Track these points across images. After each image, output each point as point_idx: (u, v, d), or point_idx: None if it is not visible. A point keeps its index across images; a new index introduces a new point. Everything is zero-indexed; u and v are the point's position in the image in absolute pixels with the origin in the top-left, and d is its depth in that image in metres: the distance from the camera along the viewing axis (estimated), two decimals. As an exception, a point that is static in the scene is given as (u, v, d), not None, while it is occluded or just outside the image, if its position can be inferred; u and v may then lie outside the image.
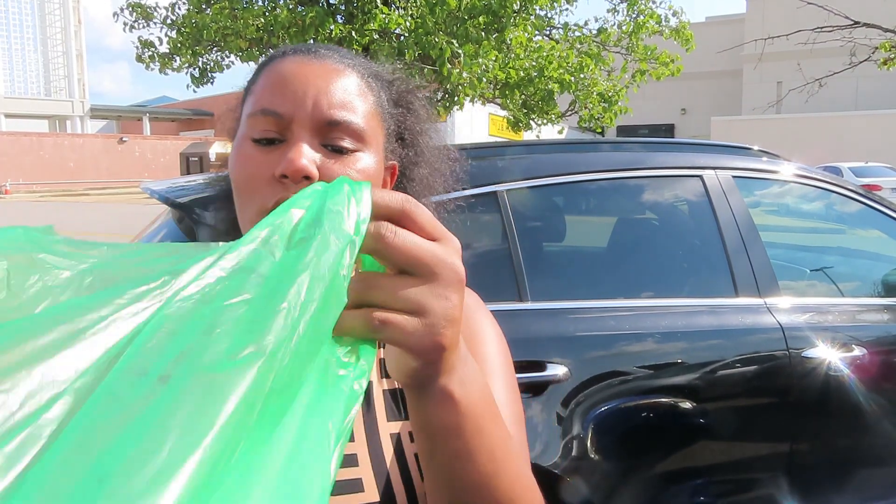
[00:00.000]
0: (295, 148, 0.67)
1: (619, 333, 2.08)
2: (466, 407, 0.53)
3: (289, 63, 0.73)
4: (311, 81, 0.71)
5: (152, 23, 11.98)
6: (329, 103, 0.70)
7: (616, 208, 2.64)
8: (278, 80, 0.71)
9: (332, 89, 0.71)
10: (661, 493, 2.11)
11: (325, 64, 0.73)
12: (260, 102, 0.71)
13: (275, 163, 0.68)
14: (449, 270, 0.49)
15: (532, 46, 10.93)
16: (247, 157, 0.70)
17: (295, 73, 0.71)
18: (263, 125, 0.70)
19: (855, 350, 2.27)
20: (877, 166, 17.89)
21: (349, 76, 0.73)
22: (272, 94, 0.70)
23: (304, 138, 0.69)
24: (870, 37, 9.72)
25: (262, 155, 0.69)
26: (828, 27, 9.39)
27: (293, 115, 0.69)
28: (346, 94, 0.71)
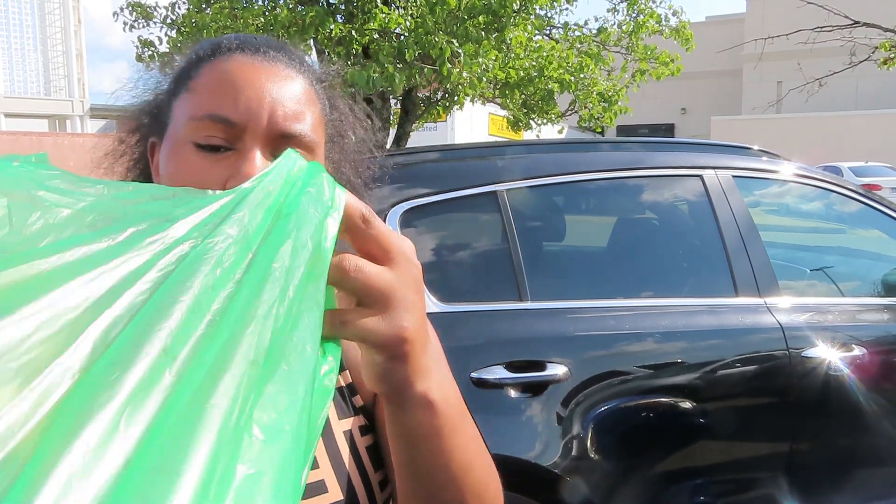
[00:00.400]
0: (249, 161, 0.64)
1: (619, 333, 2.08)
2: (444, 409, 0.54)
3: (238, 63, 0.68)
4: (266, 88, 0.67)
5: (152, 22, 11.97)
6: (284, 115, 0.67)
7: (616, 208, 2.64)
8: (228, 83, 0.67)
9: (286, 99, 0.67)
10: (661, 492, 2.11)
11: (276, 68, 0.69)
12: (207, 106, 0.66)
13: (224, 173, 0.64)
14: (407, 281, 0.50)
15: (532, 46, 10.93)
16: (191, 164, 0.66)
17: (247, 77, 0.67)
18: (210, 131, 0.65)
19: (855, 350, 2.27)
20: (877, 166, 17.88)
21: (300, 83, 0.70)
22: (222, 98, 0.66)
23: (256, 150, 0.65)
24: (870, 36, 9.72)
25: (207, 162, 0.65)
26: (828, 27, 9.39)
27: (246, 125, 0.65)
28: (298, 105, 0.68)
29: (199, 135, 0.66)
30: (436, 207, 2.11)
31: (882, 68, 10.23)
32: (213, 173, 0.64)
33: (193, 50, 0.74)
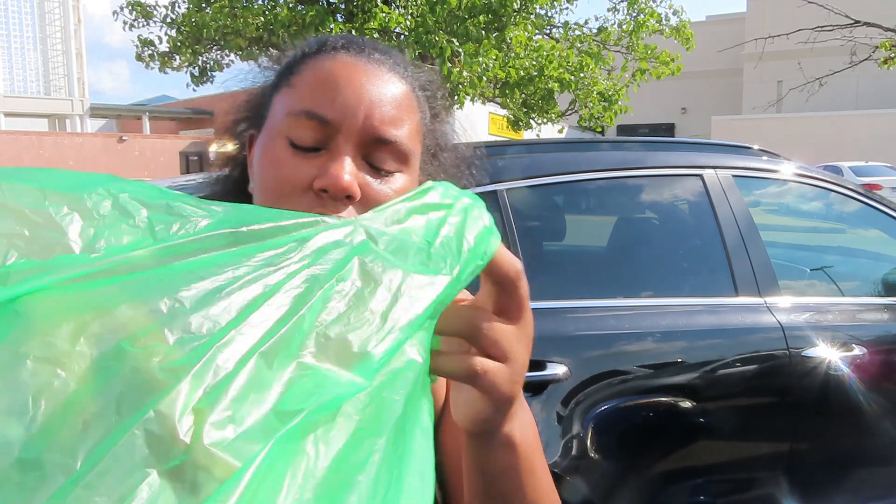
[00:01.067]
0: (339, 163, 0.62)
1: (619, 333, 2.08)
2: (524, 449, 0.56)
3: (340, 62, 0.67)
4: (365, 89, 0.65)
5: (152, 21, 11.98)
6: (381, 118, 0.64)
7: (616, 207, 2.64)
8: (328, 81, 0.65)
9: (385, 102, 0.65)
10: (660, 492, 2.11)
11: (379, 70, 0.67)
12: (304, 102, 0.65)
13: (313, 172, 0.63)
14: (529, 339, 0.54)
15: (532, 45, 10.93)
16: (281, 160, 0.64)
17: (348, 76, 0.65)
18: (305, 128, 0.64)
19: (855, 349, 2.27)
20: (877, 165, 17.87)
21: (402, 89, 0.68)
22: (320, 95, 0.65)
23: (348, 151, 0.63)
24: (870, 36, 9.72)
25: (298, 160, 0.64)
26: (828, 26, 9.39)
27: (341, 125, 0.64)
28: (397, 110, 0.66)
29: (294, 131, 0.64)
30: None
31: (882, 68, 10.23)
32: (301, 171, 0.63)
33: (300, 46, 0.73)
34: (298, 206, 0.63)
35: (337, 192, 0.62)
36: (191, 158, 25.32)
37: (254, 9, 10.71)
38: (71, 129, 39.29)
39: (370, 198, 0.64)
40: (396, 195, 0.65)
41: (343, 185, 0.61)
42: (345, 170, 0.62)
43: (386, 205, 0.49)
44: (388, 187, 0.65)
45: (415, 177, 0.70)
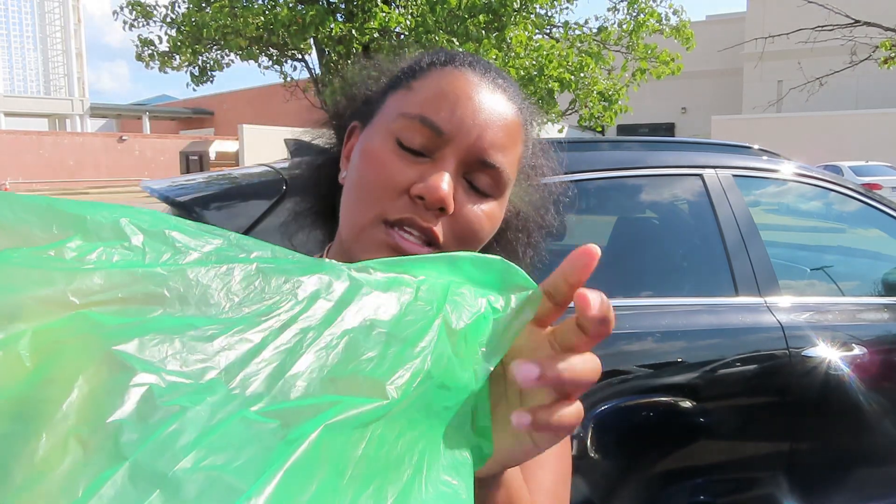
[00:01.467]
0: (440, 174, 0.63)
1: (619, 332, 2.08)
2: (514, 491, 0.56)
3: (466, 79, 0.67)
4: (483, 110, 0.66)
5: (152, 21, 11.98)
6: (492, 142, 0.65)
7: (616, 207, 2.64)
8: (450, 93, 0.66)
9: (498, 128, 0.66)
10: (661, 491, 2.11)
11: (500, 96, 0.68)
12: (422, 107, 0.65)
13: (413, 177, 0.64)
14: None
15: (532, 45, 10.93)
16: (386, 159, 0.65)
17: (469, 93, 0.66)
18: (417, 133, 0.64)
19: (855, 349, 2.27)
20: (877, 165, 17.88)
21: (515, 118, 0.69)
22: (439, 105, 0.65)
23: (452, 166, 0.64)
24: (870, 35, 9.72)
25: (401, 163, 0.64)
26: (828, 26, 9.39)
27: (453, 138, 0.64)
28: (507, 139, 0.67)
29: (405, 133, 0.65)
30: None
31: (882, 67, 10.23)
32: (403, 173, 0.64)
33: (425, 53, 0.73)
34: (392, 206, 0.64)
35: (433, 203, 0.63)
36: (191, 158, 25.30)
37: (254, 9, 10.71)
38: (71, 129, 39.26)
39: (462, 216, 0.65)
40: (488, 219, 0.67)
41: (440, 195, 0.62)
42: (444, 182, 0.63)
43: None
44: (480, 210, 0.66)
45: (504, 206, 0.71)
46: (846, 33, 9.45)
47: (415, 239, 0.64)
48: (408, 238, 0.64)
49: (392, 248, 0.64)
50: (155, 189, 2.23)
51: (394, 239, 0.64)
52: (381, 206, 0.64)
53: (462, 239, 0.66)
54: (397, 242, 0.64)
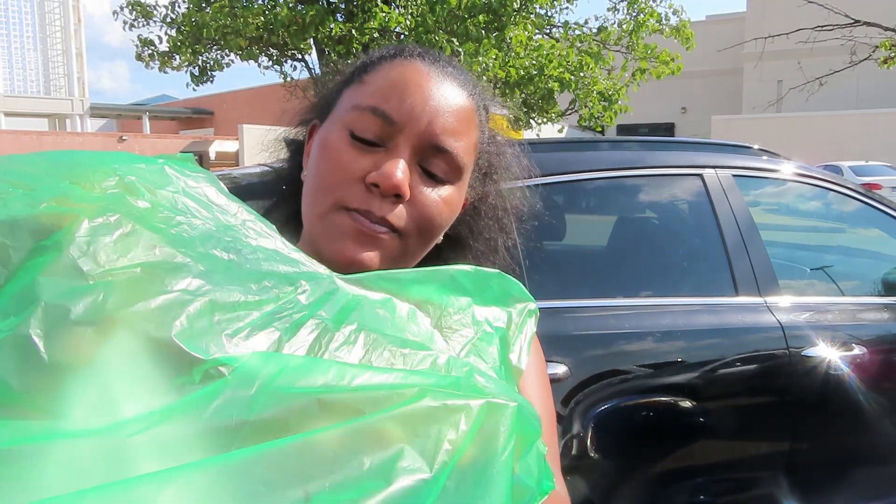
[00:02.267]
0: (394, 161, 0.65)
1: (619, 332, 2.08)
2: None
3: (415, 69, 0.69)
4: (433, 97, 0.67)
5: (152, 21, 11.97)
6: (443, 127, 0.67)
7: (616, 207, 2.64)
8: (399, 83, 0.68)
9: (450, 114, 0.68)
10: (661, 491, 2.11)
11: (450, 83, 0.70)
12: (373, 98, 0.67)
13: (368, 166, 0.65)
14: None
15: (532, 45, 10.93)
16: (340, 151, 0.67)
17: (419, 82, 0.68)
18: (369, 123, 0.66)
19: (855, 349, 2.27)
20: (877, 165, 17.87)
21: (467, 103, 0.70)
22: (389, 94, 0.67)
23: (406, 153, 0.66)
24: (870, 35, 9.72)
25: (356, 153, 0.66)
26: (828, 26, 9.39)
27: (404, 126, 0.66)
28: (459, 124, 0.69)
29: (358, 124, 0.67)
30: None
31: (882, 67, 10.24)
32: (357, 163, 0.66)
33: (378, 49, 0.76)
34: (349, 195, 0.65)
35: (388, 189, 0.64)
36: (191, 158, 25.23)
37: (254, 9, 10.71)
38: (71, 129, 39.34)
39: (419, 201, 0.67)
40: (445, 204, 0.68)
41: (395, 182, 0.64)
42: (399, 169, 0.64)
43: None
44: (437, 195, 0.68)
45: (463, 191, 0.73)
46: (846, 33, 9.45)
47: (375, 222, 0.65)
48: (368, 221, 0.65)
49: (354, 231, 0.65)
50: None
51: (357, 222, 0.65)
52: (338, 194, 0.66)
53: (420, 225, 0.68)
54: (359, 226, 0.65)
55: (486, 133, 0.76)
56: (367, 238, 0.65)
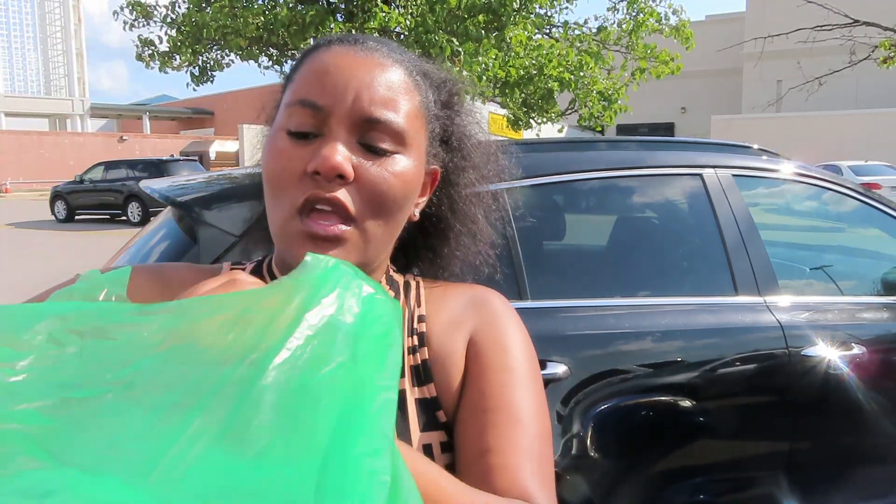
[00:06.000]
0: (329, 144, 0.64)
1: (619, 332, 2.08)
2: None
3: (333, 53, 0.69)
4: (354, 74, 0.67)
5: (152, 21, 11.97)
6: (371, 99, 0.66)
7: (616, 207, 2.64)
8: (320, 70, 0.68)
9: (376, 84, 0.67)
10: (660, 491, 2.12)
11: (371, 57, 0.69)
12: (298, 92, 0.67)
13: (307, 158, 0.65)
14: None
15: (532, 45, 10.93)
16: (280, 151, 0.67)
17: (338, 64, 0.67)
18: (300, 117, 0.66)
19: (854, 348, 2.27)
20: (876, 165, 17.87)
21: (395, 71, 0.69)
22: (312, 84, 0.67)
23: (341, 135, 0.65)
24: (869, 35, 9.72)
25: (295, 149, 0.66)
26: (828, 26, 9.39)
27: (332, 109, 0.66)
28: (389, 91, 0.67)
29: (291, 121, 0.67)
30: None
31: (882, 67, 10.24)
32: (297, 158, 0.65)
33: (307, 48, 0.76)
34: (297, 191, 0.65)
35: (327, 173, 0.64)
36: (191, 158, 25.29)
37: (254, 9, 10.71)
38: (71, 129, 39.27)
39: (365, 178, 0.66)
40: (396, 176, 0.67)
41: (332, 164, 0.63)
42: (335, 151, 0.64)
43: None
44: (386, 168, 0.67)
45: (419, 160, 0.71)
46: (845, 33, 9.45)
47: (328, 221, 0.65)
48: (322, 222, 0.65)
49: (310, 236, 0.65)
50: (155, 189, 2.23)
51: (309, 227, 0.65)
52: (289, 195, 0.66)
53: (372, 203, 0.67)
54: (313, 230, 0.65)
55: (432, 98, 0.75)
56: (325, 239, 0.65)
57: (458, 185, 0.81)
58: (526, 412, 0.71)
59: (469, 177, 0.82)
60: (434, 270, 0.86)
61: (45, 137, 34.86)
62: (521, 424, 0.70)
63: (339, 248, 0.65)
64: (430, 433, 0.72)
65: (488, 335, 0.76)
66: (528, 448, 0.69)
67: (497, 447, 0.68)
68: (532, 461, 0.68)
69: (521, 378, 0.74)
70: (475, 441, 0.69)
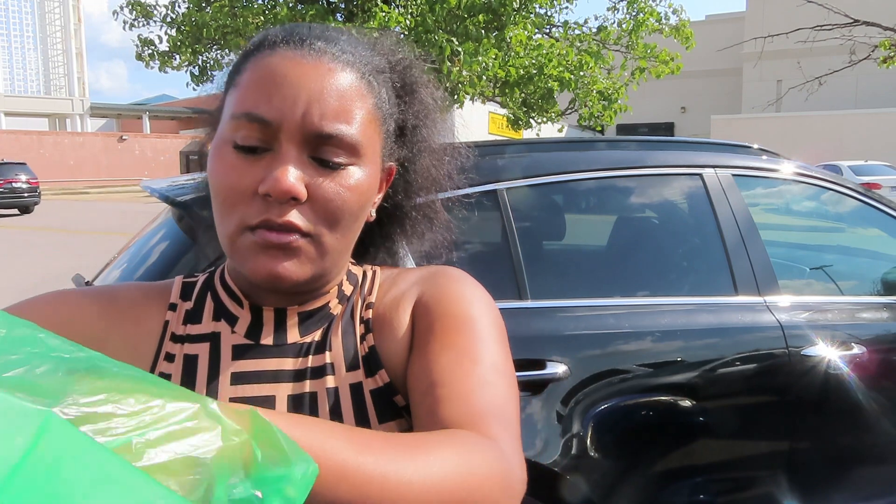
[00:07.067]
0: (281, 166, 0.62)
1: (619, 332, 2.08)
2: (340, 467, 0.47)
3: (279, 58, 0.65)
4: (303, 84, 0.63)
5: (152, 21, 11.98)
6: (322, 113, 0.63)
7: (616, 207, 2.64)
8: (267, 80, 0.64)
9: (326, 95, 0.64)
10: (660, 491, 2.12)
11: (320, 63, 0.65)
12: (245, 104, 0.64)
13: (258, 176, 0.62)
14: None
15: (532, 44, 10.93)
16: (229, 166, 0.64)
17: (285, 73, 0.64)
18: (247, 130, 0.63)
19: (854, 348, 2.27)
20: (876, 165, 17.87)
21: (347, 76, 0.66)
22: (258, 95, 0.63)
23: (292, 151, 0.63)
24: (869, 35, 9.73)
25: (245, 164, 0.63)
26: (827, 25, 9.39)
27: (281, 124, 0.62)
28: (341, 101, 0.64)
29: (238, 134, 0.64)
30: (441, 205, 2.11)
31: (882, 67, 10.24)
32: (247, 176, 0.63)
33: (246, 45, 0.71)
34: (248, 211, 0.63)
35: (279, 196, 0.62)
36: (191, 157, 25.32)
37: (254, 8, 10.72)
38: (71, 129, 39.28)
39: (319, 196, 0.64)
40: (350, 190, 0.65)
41: (283, 188, 0.61)
42: (287, 173, 0.61)
43: None
44: (339, 183, 0.65)
45: (374, 167, 0.69)
46: (845, 33, 9.45)
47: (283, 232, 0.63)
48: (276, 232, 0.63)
49: (262, 247, 0.63)
50: (155, 189, 2.23)
51: (262, 237, 0.63)
52: (239, 214, 0.64)
53: (328, 219, 0.65)
54: (267, 239, 0.63)
55: (387, 94, 0.71)
56: (278, 250, 0.63)
57: (415, 174, 0.79)
58: (480, 352, 0.67)
59: (425, 162, 0.79)
60: (392, 258, 0.85)
61: (44, 137, 34.87)
62: (473, 359, 0.66)
63: (294, 259, 0.64)
64: (389, 423, 0.70)
65: (435, 293, 0.73)
66: (480, 378, 0.64)
67: (445, 380, 0.64)
68: (485, 391, 0.63)
69: (473, 325, 0.69)
70: (422, 379, 0.66)
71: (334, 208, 0.64)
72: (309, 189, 0.63)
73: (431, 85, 0.80)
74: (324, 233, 0.65)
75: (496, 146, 2.49)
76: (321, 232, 0.65)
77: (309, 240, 0.64)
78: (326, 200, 0.64)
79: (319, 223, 0.64)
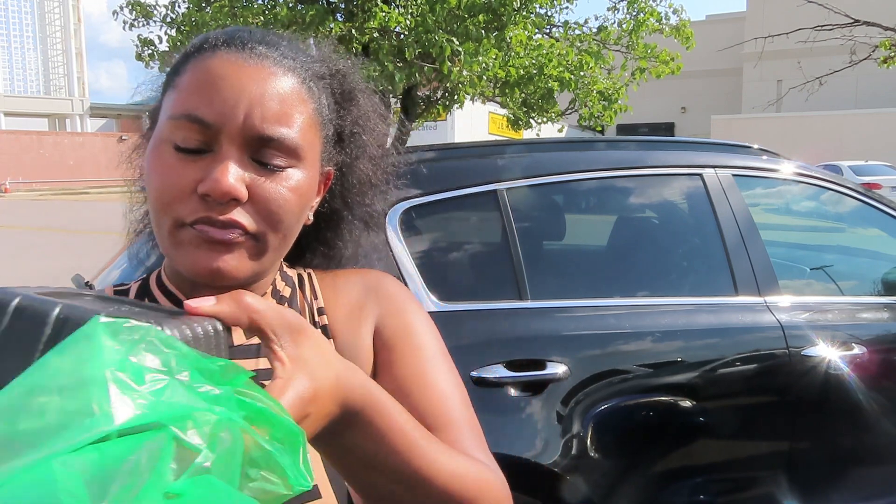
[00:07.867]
0: (221, 166, 0.62)
1: (619, 332, 2.08)
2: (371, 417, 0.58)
3: (220, 61, 0.65)
4: (244, 87, 0.63)
5: (152, 21, 11.97)
6: (262, 116, 0.63)
7: (616, 207, 2.64)
8: (207, 82, 0.64)
9: (267, 99, 0.64)
10: (660, 491, 2.12)
11: (261, 66, 0.65)
12: (184, 105, 0.64)
13: (198, 176, 0.62)
14: None
15: (532, 45, 10.93)
16: (167, 166, 0.63)
17: (226, 75, 0.64)
18: (187, 132, 0.63)
19: (855, 348, 2.27)
20: (877, 165, 17.87)
21: (288, 81, 0.66)
22: (199, 97, 0.63)
23: (232, 153, 0.63)
24: (870, 35, 9.72)
25: (183, 165, 0.63)
26: (828, 25, 9.38)
27: (221, 127, 0.62)
28: (282, 105, 0.65)
29: (178, 135, 0.63)
30: (435, 207, 2.11)
31: (882, 67, 10.23)
32: (187, 175, 0.63)
33: (187, 46, 0.71)
34: (184, 209, 0.63)
35: (220, 197, 0.62)
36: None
37: (254, 8, 10.71)
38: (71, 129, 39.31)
39: (259, 196, 0.64)
40: (291, 191, 0.66)
41: (224, 189, 0.61)
42: (227, 173, 0.62)
43: None
44: (280, 184, 0.65)
45: (313, 170, 0.70)
46: (846, 33, 9.44)
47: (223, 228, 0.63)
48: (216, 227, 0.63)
49: (202, 241, 0.63)
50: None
51: (202, 232, 0.63)
52: (175, 211, 0.63)
53: (269, 220, 0.65)
54: (205, 235, 0.63)
55: (326, 101, 0.72)
56: (218, 245, 0.63)
57: (352, 178, 0.80)
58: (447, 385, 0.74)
59: (363, 167, 0.80)
60: (327, 262, 0.86)
61: (44, 137, 34.86)
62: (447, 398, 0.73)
63: (233, 254, 0.64)
64: None
65: (393, 321, 0.78)
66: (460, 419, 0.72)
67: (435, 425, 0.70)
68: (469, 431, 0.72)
69: (432, 354, 0.76)
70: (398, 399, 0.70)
71: (276, 208, 0.65)
72: (250, 190, 0.63)
73: (370, 92, 0.81)
74: (266, 232, 0.65)
75: (496, 146, 2.48)
76: (264, 231, 0.65)
77: (250, 238, 0.64)
78: (268, 200, 0.64)
79: (261, 222, 0.65)
